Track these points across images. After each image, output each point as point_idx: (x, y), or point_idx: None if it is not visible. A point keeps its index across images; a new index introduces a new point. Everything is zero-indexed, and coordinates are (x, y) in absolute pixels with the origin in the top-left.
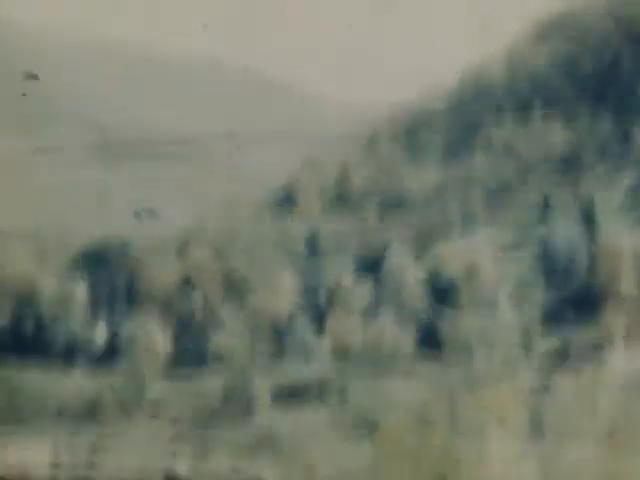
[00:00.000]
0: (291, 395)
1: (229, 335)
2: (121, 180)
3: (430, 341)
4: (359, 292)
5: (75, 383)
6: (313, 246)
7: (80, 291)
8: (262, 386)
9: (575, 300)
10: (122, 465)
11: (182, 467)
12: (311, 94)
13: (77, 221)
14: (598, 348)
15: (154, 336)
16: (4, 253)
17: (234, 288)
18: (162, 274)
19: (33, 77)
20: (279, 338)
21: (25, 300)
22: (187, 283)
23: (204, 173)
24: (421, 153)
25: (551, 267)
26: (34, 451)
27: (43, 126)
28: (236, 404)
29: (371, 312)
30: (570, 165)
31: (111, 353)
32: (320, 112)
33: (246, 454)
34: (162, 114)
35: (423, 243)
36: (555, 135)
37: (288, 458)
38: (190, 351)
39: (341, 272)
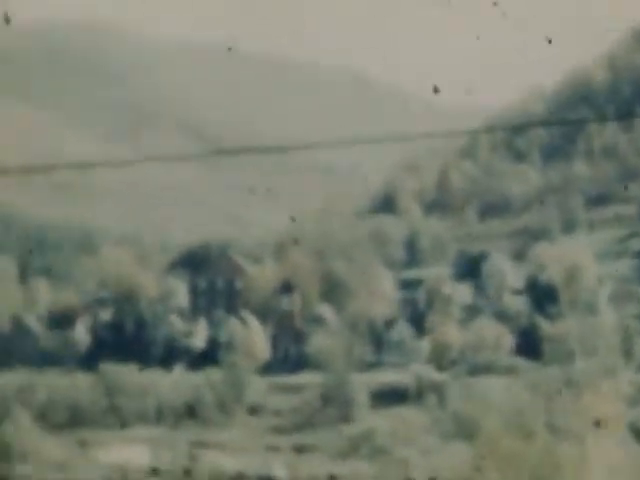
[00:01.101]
0: (389, 397)
1: (328, 337)
2: (220, 185)
3: (529, 343)
4: (458, 295)
5: (174, 382)
6: (412, 249)
7: (180, 293)
8: (360, 388)
9: None
10: (220, 463)
11: (279, 468)
12: (412, 98)
13: (177, 225)
14: None
15: (253, 337)
16: (106, 256)
17: (332, 290)
18: (261, 277)
19: None
20: (377, 340)
21: (126, 301)
22: (286, 285)
23: (301, 177)
24: (521, 157)
25: None
26: (134, 449)
27: (143, 132)
28: (334, 405)
29: (470, 314)
30: None
31: (210, 353)
32: (420, 116)
33: (343, 455)
34: (262, 119)
35: (523, 246)
36: None
37: (385, 459)
38: (288, 352)
39: (440, 275)
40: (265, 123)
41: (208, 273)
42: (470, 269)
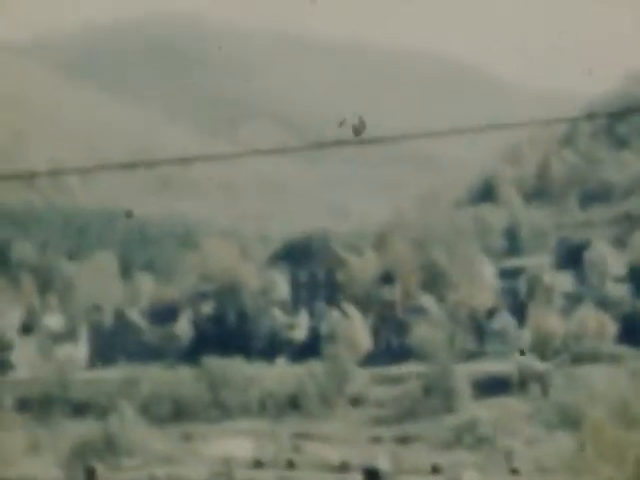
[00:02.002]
0: (492, 386)
1: (429, 327)
2: (320, 177)
3: (633, 331)
4: (560, 283)
5: (277, 375)
6: (513, 238)
7: (281, 285)
8: (462, 378)
9: None
10: (323, 454)
11: (382, 459)
12: (510, 86)
13: (278, 217)
14: None
15: (354, 328)
16: (208, 249)
17: (434, 280)
18: (362, 268)
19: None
20: (479, 330)
21: (228, 294)
22: (386, 276)
23: (401, 167)
24: (622, 144)
25: None
26: (238, 442)
27: (242, 127)
28: (437, 396)
29: (572, 303)
30: None
31: (312, 345)
32: (519, 104)
33: (446, 446)
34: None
35: (624, 233)
36: None
37: (489, 448)
38: (390, 343)
39: (541, 263)
40: (363, 114)
41: (309, 265)
42: (571, 257)
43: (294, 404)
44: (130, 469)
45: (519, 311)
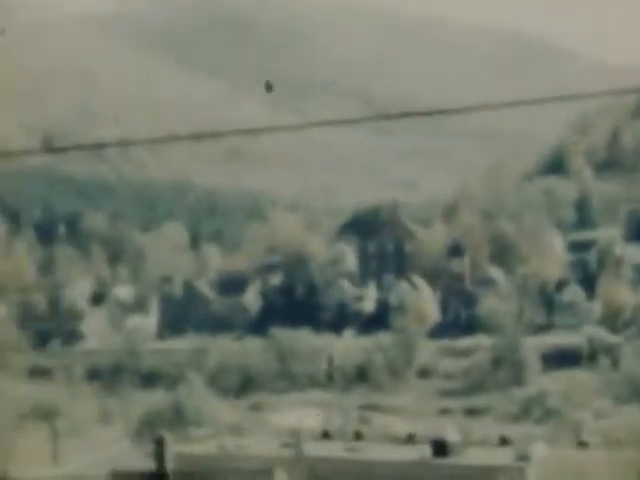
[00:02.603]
0: (561, 359)
1: (498, 299)
2: (388, 149)
3: None
4: (630, 255)
5: (345, 346)
6: (583, 210)
7: (349, 257)
8: (531, 350)
9: None
10: (391, 426)
11: (450, 431)
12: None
13: (346, 189)
14: None
15: (423, 300)
16: (276, 221)
17: (502, 252)
18: (430, 239)
19: None
20: (548, 302)
21: (296, 266)
22: (455, 248)
23: (470, 139)
24: None
25: None
26: (306, 413)
27: (310, 99)
28: (505, 368)
29: None
30: None
31: (380, 317)
32: (589, 76)
33: (515, 418)
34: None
35: None
36: None
37: (558, 421)
38: (459, 315)
39: (612, 236)
40: (430, 87)
41: (377, 237)
42: None
43: (362, 376)
44: (198, 439)
45: (589, 283)
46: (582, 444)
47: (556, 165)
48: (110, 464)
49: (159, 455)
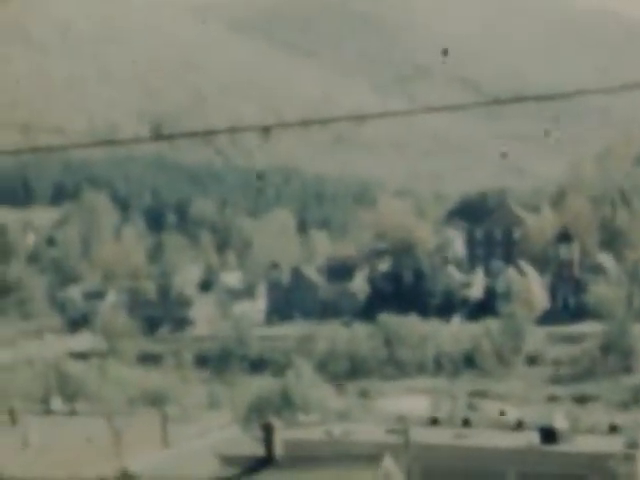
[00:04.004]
0: None
1: (607, 286)
2: (496, 134)
3: None
4: None
5: (453, 333)
6: None
7: (457, 243)
8: None
9: None
10: (500, 412)
11: (559, 418)
12: None
13: (453, 175)
14: None
15: (531, 287)
16: (383, 207)
17: (612, 239)
18: (539, 226)
19: None
20: None
21: (403, 252)
22: (564, 234)
23: (579, 123)
24: None
25: None
26: (414, 399)
27: (416, 84)
28: (615, 355)
29: None
30: None
31: (488, 303)
32: None
33: (624, 406)
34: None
35: None
36: None
37: None
38: (567, 302)
39: None
40: (537, 71)
41: (485, 223)
42: None
43: (470, 362)
44: (306, 425)
45: None
46: None
47: None
48: (219, 449)
49: (267, 441)
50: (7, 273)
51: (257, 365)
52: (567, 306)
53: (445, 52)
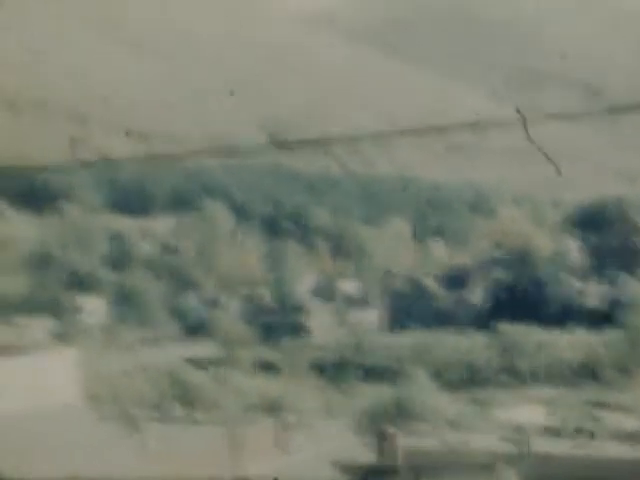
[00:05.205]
0: None
1: None
2: (618, 144)
3: None
4: None
5: (571, 342)
6: None
7: (575, 251)
8: None
9: None
10: (622, 423)
11: None
12: None
13: (572, 183)
14: None
15: None
16: (501, 215)
17: None
18: None
19: None
20: None
21: (521, 259)
22: None
23: None
24: None
25: None
26: (530, 409)
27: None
28: None
29: None
30: None
31: (606, 312)
32: None
33: None
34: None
35: None
36: None
37: None
38: None
39: None
40: None
41: (604, 232)
42: None
43: (589, 372)
44: (422, 434)
45: None
46: None
47: None
48: (334, 457)
49: (382, 449)
50: (126, 280)
51: (373, 373)
52: None
53: (563, 56)
